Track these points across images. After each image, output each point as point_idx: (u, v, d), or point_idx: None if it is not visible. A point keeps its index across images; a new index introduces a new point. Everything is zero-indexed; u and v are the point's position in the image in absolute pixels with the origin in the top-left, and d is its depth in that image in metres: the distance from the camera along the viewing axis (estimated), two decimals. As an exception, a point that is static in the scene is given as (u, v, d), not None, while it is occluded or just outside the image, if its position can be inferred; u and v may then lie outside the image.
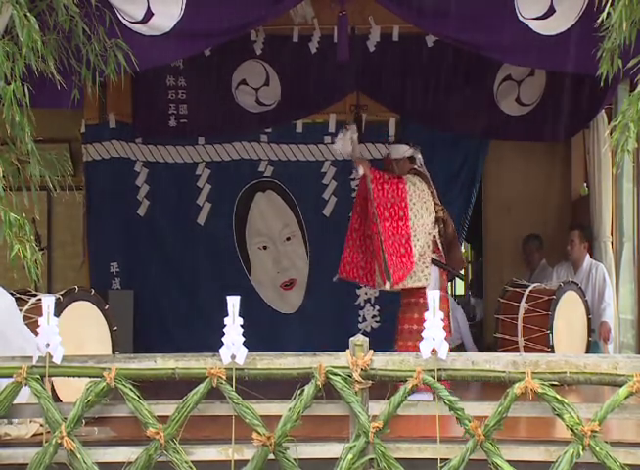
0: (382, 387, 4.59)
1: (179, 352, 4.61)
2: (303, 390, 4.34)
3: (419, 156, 6.94)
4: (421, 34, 8.14)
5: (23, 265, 4.98)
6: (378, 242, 6.44)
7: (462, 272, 8.51)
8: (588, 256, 8.15)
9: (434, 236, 6.71)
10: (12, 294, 5.34)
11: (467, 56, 7.70)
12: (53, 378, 4.76)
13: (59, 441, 4.35)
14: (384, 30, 8.39)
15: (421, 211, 6.59)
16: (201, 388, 4.37)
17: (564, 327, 7.32)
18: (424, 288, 6.48)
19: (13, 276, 5.42)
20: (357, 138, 6.59)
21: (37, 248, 5.08)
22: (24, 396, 4.57)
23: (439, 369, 4.35)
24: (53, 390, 5.11)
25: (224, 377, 4.36)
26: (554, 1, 5.81)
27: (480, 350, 8.89)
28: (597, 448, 4.19)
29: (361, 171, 6.50)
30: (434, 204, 6.73)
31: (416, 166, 6.88)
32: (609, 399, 4.29)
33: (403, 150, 6.93)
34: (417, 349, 6.22)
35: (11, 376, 4.46)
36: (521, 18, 5.84)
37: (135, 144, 8.67)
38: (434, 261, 6.63)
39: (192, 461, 4.37)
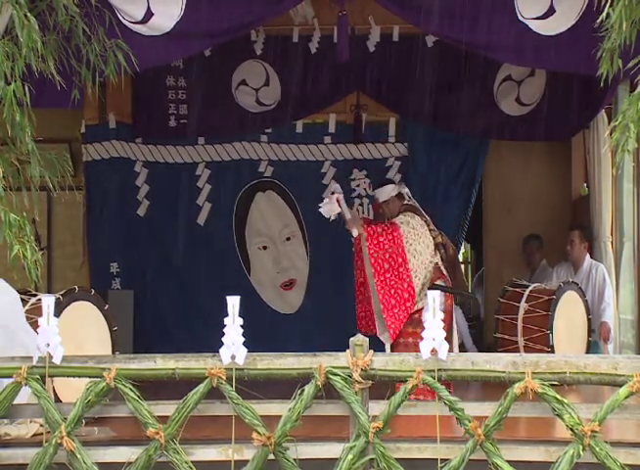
0: (382, 387, 4.59)
1: (179, 352, 4.61)
2: (303, 390, 4.35)
3: (405, 190, 6.94)
4: (421, 34, 8.15)
5: (24, 266, 4.98)
6: (373, 300, 6.48)
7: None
8: (588, 256, 8.15)
9: (437, 263, 6.70)
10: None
11: (467, 56, 7.71)
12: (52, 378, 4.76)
13: (59, 441, 4.36)
14: (384, 30, 8.40)
15: (419, 248, 6.59)
16: (201, 388, 4.37)
17: (564, 327, 7.32)
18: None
19: (13, 276, 5.41)
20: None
21: (37, 248, 5.08)
22: (24, 395, 4.57)
23: (439, 369, 4.35)
24: (53, 390, 5.12)
25: (224, 377, 4.36)
26: (554, 1, 5.81)
27: (480, 350, 8.89)
28: (597, 449, 4.19)
29: (355, 232, 6.49)
30: (431, 230, 6.73)
31: (405, 201, 6.88)
32: (609, 399, 4.29)
33: (389, 190, 6.93)
34: None
35: (11, 376, 4.46)
36: (521, 18, 5.84)
37: (135, 144, 8.66)
38: (438, 287, 6.61)
39: (192, 461, 4.37)
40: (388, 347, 6.54)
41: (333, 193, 6.64)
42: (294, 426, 4.33)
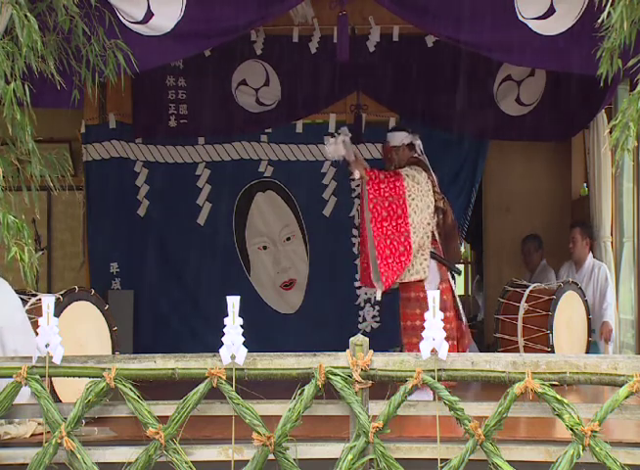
0: (382, 387, 4.59)
1: (179, 351, 4.61)
2: (303, 390, 4.35)
3: (418, 142, 6.87)
4: (421, 34, 8.15)
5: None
6: (368, 245, 6.43)
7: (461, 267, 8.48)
8: (591, 255, 8.14)
9: (432, 227, 6.64)
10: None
11: (467, 56, 7.71)
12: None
13: (59, 441, 4.36)
14: (384, 30, 8.39)
15: (420, 205, 6.52)
16: (201, 388, 4.37)
17: (564, 327, 7.32)
18: (423, 281, 6.49)
19: (9, 278, 5.39)
20: (350, 140, 6.55)
21: (37, 248, 5.08)
22: (25, 395, 4.58)
23: (439, 369, 4.36)
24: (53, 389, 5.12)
25: (224, 377, 4.36)
26: (554, 1, 5.80)
27: (480, 350, 8.89)
28: (597, 449, 4.19)
29: (357, 174, 6.46)
30: (435, 193, 6.67)
31: (416, 154, 6.84)
32: (609, 399, 4.29)
33: (402, 137, 6.88)
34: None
35: (11, 376, 4.46)
36: (521, 18, 5.83)
37: (135, 144, 8.66)
38: (430, 254, 6.58)
39: (192, 461, 4.37)
40: (379, 293, 6.47)
41: (339, 134, 6.61)
42: (294, 426, 4.33)
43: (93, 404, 4.42)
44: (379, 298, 6.53)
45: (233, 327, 4.34)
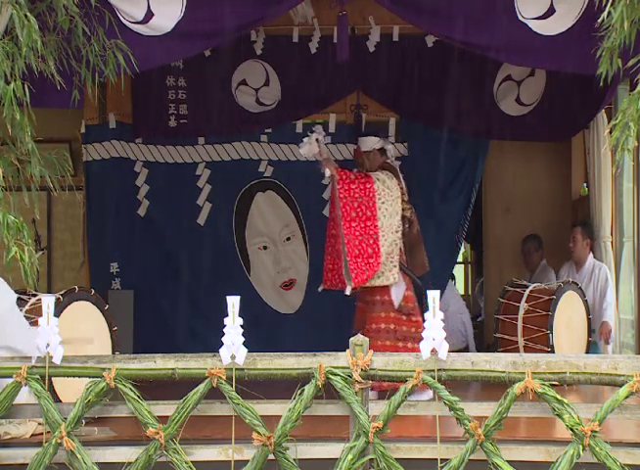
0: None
1: (179, 352, 4.61)
2: (303, 390, 4.35)
3: (389, 147, 6.95)
4: (421, 34, 8.15)
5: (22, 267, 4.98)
6: (341, 244, 6.45)
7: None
8: (591, 255, 8.14)
9: (399, 235, 6.66)
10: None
11: (467, 56, 7.70)
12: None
13: (59, 441, 4.36)
14: (384, 30, 8.39)
15: (390, 210, 6.55)
16: (201, 388, 4.37)
17: (564, 327, 7.32)
18: (388, 287, 6.51)
19: (9, 278, 5.39)
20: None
21: (37, 248, 5.08)
22: (23, 394, 4.58)
23: (439, 369, 4.36)
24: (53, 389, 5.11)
25: (224, 377, 4.36)
26: (554, 1, 5.81)
27: (480, 350, 8.89)
28: (597, 449, 4.20)
29: (327, 173, 6.49)
30: (403, 201, 6.69)
31: (388, 160, 6.85)
32: (609, 399, 4.29)
33: (372, 142, 6.92)
34: (385, 347, 6.29)
35: (11, 376, 4.46)
36: (521, 18, 5.84)
37: (135, 144, 8.65)
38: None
39: (192, 461, 4.38)
40: (348, 290, 6.48)
41: (313, 132, 6.64)
42: (294, 426, 4.34)
43: (93, 404, 4.42)
44: (348, 293, 6.54)
45: (233, 327, 4.34)
